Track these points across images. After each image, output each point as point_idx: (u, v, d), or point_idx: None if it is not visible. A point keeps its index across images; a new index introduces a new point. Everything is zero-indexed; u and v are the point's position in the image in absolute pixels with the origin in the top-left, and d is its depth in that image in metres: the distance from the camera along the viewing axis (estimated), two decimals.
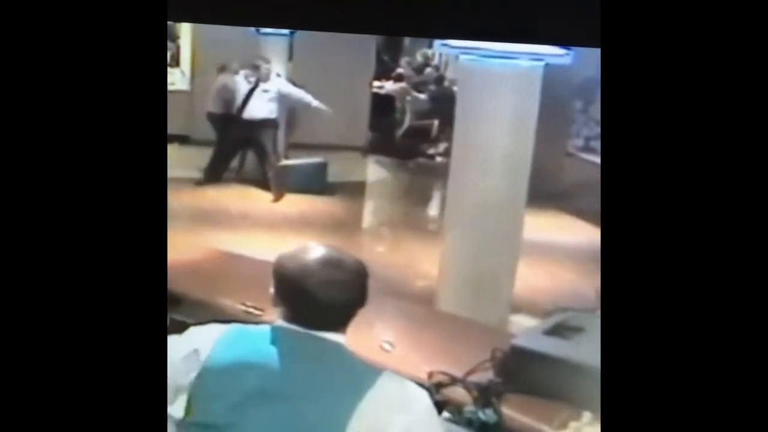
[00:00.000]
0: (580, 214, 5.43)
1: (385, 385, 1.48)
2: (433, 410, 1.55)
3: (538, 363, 2.25)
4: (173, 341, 1.53)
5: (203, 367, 1.50)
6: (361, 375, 1.50)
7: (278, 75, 7.11)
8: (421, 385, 1.61)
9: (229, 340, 1.54)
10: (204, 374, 1.50)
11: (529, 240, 4.55)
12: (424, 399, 1.52)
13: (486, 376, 2.21)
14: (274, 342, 1.52)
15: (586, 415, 2.08)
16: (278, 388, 1.47)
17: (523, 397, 2.18)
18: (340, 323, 1.54)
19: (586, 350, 2.22)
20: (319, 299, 1.52)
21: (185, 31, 8.03)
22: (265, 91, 6.93)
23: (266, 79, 6.92)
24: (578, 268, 4.74)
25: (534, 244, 4.86)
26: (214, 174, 7.05)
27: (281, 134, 7.28)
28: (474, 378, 2.18)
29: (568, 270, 4.89)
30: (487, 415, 2.07)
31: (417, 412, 1.49)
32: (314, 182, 6.93)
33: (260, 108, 6.93)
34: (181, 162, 6.65)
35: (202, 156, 7.07)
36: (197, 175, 6.98)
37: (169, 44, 8.10)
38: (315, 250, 1.57)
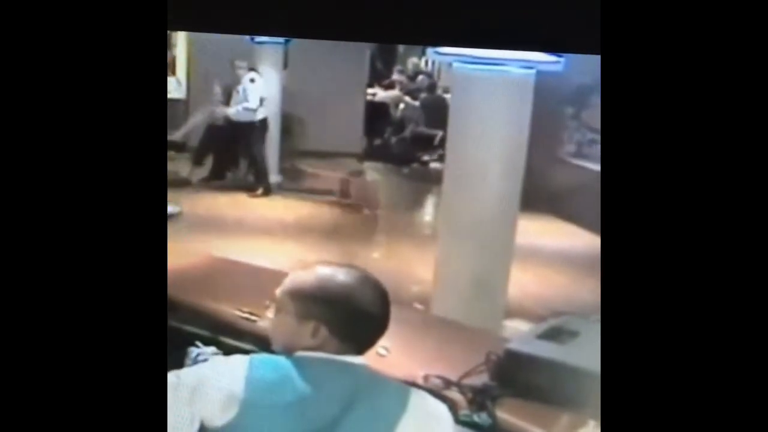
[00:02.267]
0: (573, 218, 5.44)
1: (417, 404, 1.49)
2: (455, 425, 1.57)
3: (532, 367, 2.26)
4: (189, 377, 1.47)
5: (242, 409, 1.42)
6: (395, 396, 1.49)
7: (252, 81, 7.12)
8: (438, 396, 1.62)
9: (260, 377, 1.46)
10: (245, 416, 1.42)
11: (522, 245, 4.56)
12: (447, 415, 1.53)
13: (481, 379, 2.23)
14: (304, 373, 1.46)
15: (591, 423, 2.09)
16: (320, 420, 1.43)
17: (518, 401, 2.19)
18: (368, 347, 1.53)
19: (581, 354, 2.23)
20: (366, 321, 1.51)
21: (181, 39, 8.03)
22: (237, 92, 6.99)
23: (239, 82, 6.97)
24: (572, 273, 4.75)
25: (528, 249, 4.86)
26: (215, 179, 7.09)
27: (271, 139, 7.28)
28: (469, 381, 2.19)
29: (561, 275, 4.90)
30: (481, 418, 2.09)
31: (445, 429, 1.51)
32: None
33: (238, 112, 6.98)
34: (178, 169, 6.67)
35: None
36: (194, 181, 7.00)
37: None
38: (351, 272, 1.53)
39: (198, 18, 1.94)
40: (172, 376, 1.46)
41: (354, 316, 1.49)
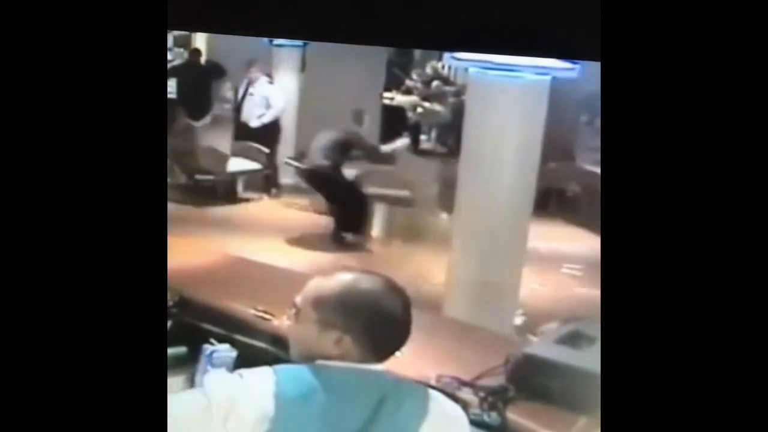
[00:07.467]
0: (586, 224, 5.45)
1: (435, 406, 1.49)
2: (470, 426, 1.58)
3: (549, 371, 2.25)
4: (219, 397, 1.42)
5: (272, 425, 1.39)
6: (416, 401, 1.48)
7: (270, 82, 7.14)
8: (447, 395, 1.64)
9: (289, 392, 1.42)
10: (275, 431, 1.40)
11: (536, 249, 4.59)
12: (464, 416, 1.55)
13: (495, 381, 2.23)
14: (329, 384, 1.44)
15: None
16: (347, 430, 1.42)
17: (532, 404, 2.19)
18: (390, 354, 1.51)
19: (598, 359, 2.23)
20: (391, 329, 1.49)
21: (200, 41, 8.09)
22: (251, 94, 7.01)
23: (255, 82, 6.99)
24: (586, 277, 4.76)
25: (541, 254, 4.89)
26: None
27: (288, 140, 7.31)
28: (483, 383, 2.19)
29: (576, 279, 4.91)
30: (491, 418, 2.09)
31: (462, 430, 1.53)
32: None
33: (249, 113, 7.00)
34: None
35: None
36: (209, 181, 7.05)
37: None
38: (375, 279, 1.51)
39: (216, 19, 1.96)
40: (201, 397, 1.42)
41: (379, 324, 1.47)
